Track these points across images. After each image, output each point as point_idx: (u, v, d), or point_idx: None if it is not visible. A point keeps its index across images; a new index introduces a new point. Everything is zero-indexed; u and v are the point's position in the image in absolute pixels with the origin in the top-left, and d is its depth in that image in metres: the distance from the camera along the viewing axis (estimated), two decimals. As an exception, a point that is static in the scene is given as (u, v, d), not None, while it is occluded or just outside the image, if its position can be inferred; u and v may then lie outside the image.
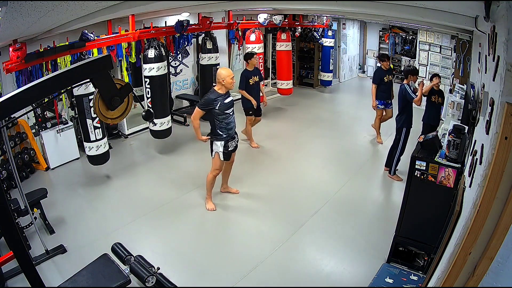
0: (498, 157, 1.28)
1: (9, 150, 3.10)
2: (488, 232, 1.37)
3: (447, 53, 7.17)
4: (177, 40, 5.56)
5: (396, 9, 3.18)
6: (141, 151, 5.56)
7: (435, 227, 2.54)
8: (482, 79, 2.41)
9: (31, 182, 4.47)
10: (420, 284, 2.75)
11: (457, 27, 4.49)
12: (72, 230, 3.60)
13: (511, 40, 1.24)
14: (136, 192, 4.37)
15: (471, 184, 1.70)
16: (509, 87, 1.25)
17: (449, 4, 2.55)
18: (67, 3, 2.12)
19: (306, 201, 4.12)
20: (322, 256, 3.28)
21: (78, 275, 2.52)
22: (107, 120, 1.89)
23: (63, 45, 4.16)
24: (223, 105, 3.57)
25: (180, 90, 7.29)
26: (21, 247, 1.61)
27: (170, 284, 2.69)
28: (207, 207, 3.93)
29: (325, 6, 5.11)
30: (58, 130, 4.86)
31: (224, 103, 3.57)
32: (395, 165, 4.56)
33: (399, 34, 10.12)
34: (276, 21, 7.00)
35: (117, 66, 5.50)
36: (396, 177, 4.57)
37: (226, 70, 3.63)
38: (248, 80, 5.10)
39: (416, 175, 2.80)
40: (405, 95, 4.27)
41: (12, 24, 2.35)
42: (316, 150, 5.57)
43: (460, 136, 2.57)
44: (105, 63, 1.72)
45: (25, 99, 1.46)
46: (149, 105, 4.84)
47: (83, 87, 3.92)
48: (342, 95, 9.28)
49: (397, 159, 4.52)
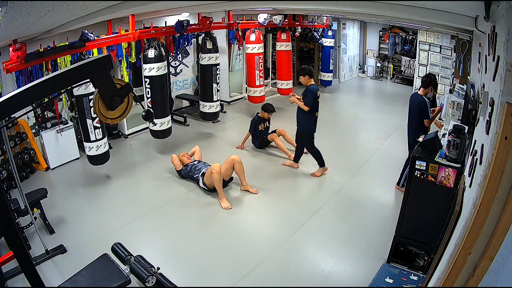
0: (498, 157, 1.28)
1: (9, 150, 3.10)
2: (488, 232, 1.37)
3: (447, 53, 7.18)
4: (177, 40, 5.56)
5: (396, 9, 3.18)
6: (141, 151, 5.56)
7: (435, 227, 2.54)
8: (482, 79, 2.41)
9: (31, 182, 4.47)
10: (420, 284, 2.75)
11: (457, 27, 4.49)
12: (72, 230, 3.60)
13: (511, 40, 1.24)
14: (136, 192, 4.37)
15: (471, 184, 1.70)
16: (509, 87, 1.25)
17: (449, 4, 2.55)
18: (67, 3, 2.12)
19: (306, 201, 4.12)
20: (322, 256, 3.28)
21: (78, 275, 2.52)
22: (107, 120, 1.89)
23: (63, 45, 4.16)
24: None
25: (180, 90, 7.30)
26: (21, 247, 1.61)
27: (170, 284, 2.69)
28: (222, 206, 3.98)
29: (325, 6, 5.11)
30: (58, 130, 4.86)
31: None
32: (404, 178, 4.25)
33: (399, 34, 10.13)
34: (276, 21, 6.99)
35: (117, 66, 5.51)
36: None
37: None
38: (258, 126, 5.42)
39: (416, 175, 2.80)
40: (423, 109, 3.82)
41: (12, 24, 2.35)
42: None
43: (460, 136, 2.57)
44: (105, 63, 1.72)
45: (25, 99, 1.46)
46: (149, 105, 4.84)
47: (83, 87, 3.92)
48: (342, 95, 9.28)
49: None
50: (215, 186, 4.03)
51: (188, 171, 4.45)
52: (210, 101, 5.87)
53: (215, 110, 5.99)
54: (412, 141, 4.00)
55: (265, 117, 5.46)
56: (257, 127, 5.41)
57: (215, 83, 5.80)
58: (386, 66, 10.73)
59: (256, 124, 5.41)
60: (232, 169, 4.25)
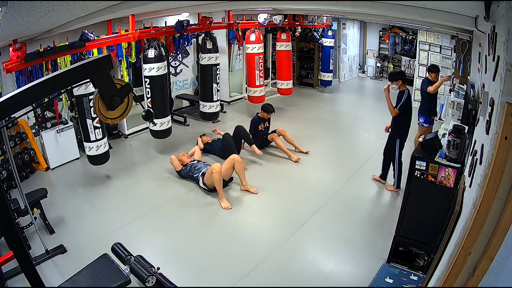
0: (498, 157, 1.28)
1: (9, 150, 3.10)
2: (488, 232, 1.37)
3: (447, 53, 7.17)
4: (177, 40, 5.55)
5: (396, 9, 3.18)
6: (141, 151, 5.56)
7: (435, 227, 2.54)
8: (482, 79, 2.40)
9: (31, 182, 4.47)
10: (420, 284, 2.75)
11: (457, 27, 4.48)
12: (72, 230, 3.60)
13: (511, 40, 1.24)
14: (136, 192, 4.37)
15: (471, 184, 1.70)
16: (509, 87, 1.25)
17: (449, 4, 2.55)
18: (67, 3, 2.12)
19: (306, 201, 4.12)
20: (322, 256, 3.28)
21: (78, 275, 2.52)
22: (107, 120, 1.89)
23: (63, 45, 4.16)
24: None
25: (180, 90, 7.30)
26: (21, 247, 1.61)
27: (170, 284, 2.69)
28: (222, 206, 3.98)
29: (325, 6, 5.11)
30: (58, 130, 4.86)
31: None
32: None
33: (399, 34, 10.13)
34: (276, 21, 6.99)
35: (117, 66, 5.50)
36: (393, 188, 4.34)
37: None
38: (258, 126, 5.40)
39: (416, 175, 2.80)
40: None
41: (12, 24, 2.35)
42: (316, 150, 5.56)
43: (460, 136, 2.57)
44: (105, 63, 1.72)
45: (25, 99, 1.46)
46: (149, 105, 4.84)
47: (83, 87, 3.91)
48: (342, 95, 9.28)
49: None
50: (215, 186, 4.03)
51: (188, 171, 4.45)
52: (210, 101, 5.87)
53: (215, 110, 5.99)
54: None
55: (265, 117, 5.46)
56: (257, 127, 5.42)
57: (215, 83, 5.80)
58: (386, 66, 10.73)
59: (256, 124, 5.41)
60: (232, 169, 4.25)
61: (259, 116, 5.48)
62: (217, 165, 4.01)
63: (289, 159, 5.13)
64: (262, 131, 5.46)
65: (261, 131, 5.45)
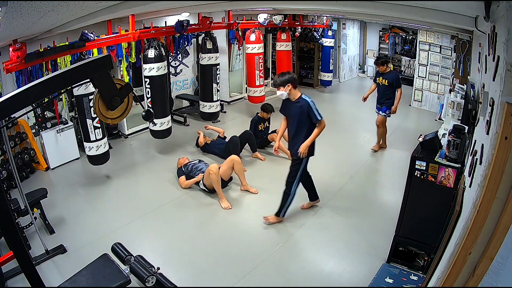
0: (498, 157, 1.28)
1: (9, 150, 3.10)
2: (488, 232, 1.37)
3: (447, 53, 7.17)
4: (177, 40, 5.55)
5: (396, 9, 3.18)
6: (141, 151, 5.56)
7: (435, 227, 2.54)
8: (482, 79, 2.40)
9: (31, 182, 4.47)
10: (420, 284, 2.75)
11: (457, 27, 4.49)
12: (72, 230, 3.60)
13: (511, 40, 1.24)
14: (136, 192, 4.37)
15: (471, 184, 1.70)
16: (509, 87, 1.25)
17: (449, 4, 2.56)
18: (67, 3, 2.12)
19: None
20: (322, 256, 3.28)
21: (78, 275, 2.52)
22: (107, 120, 1.89)
23: (63, 45, 4.16)
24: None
25: (180, 90, 7.30)
26: (21, 247, 1.61)
27: (170, 284, 2.69)
28: (222, 206, 3.98)
29: (325, 6, 5.11)
30: (58, 130, 4.86)
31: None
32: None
33: (399, 34, 10.12)
34: (276, 21, 6.99)
35: (117, 66, 5.50)
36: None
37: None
38: (258, 125, 5.42)
39: (416, 175, 2.80)
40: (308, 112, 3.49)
41: (12, 24, 2.35)
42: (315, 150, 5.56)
43: (460, 136, 2.57)
44: (105, 63, 1.72)
45: (25, 99, 1.46)
46: (149, 105, 4.84)
47: (83, 87, 3.92)
48: (342, 95, 9.28)
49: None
50: (214, 187, 4.03)
51: (189, 171, 4.45)
52: (210, 101, 5.88)
53: (215, 110, 5.99)
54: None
55: (265, 117, 5.46)
56: (257, 127, 5.42)
57: (215, 83, 5.80)
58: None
59: (256, 124, 5.41)
60: (231, 169, 4.24)
61: (259, 116, 5.48)
62: (214, 166, 4.00)
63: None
64: (262, 131, 5.46)
65: (261, 131, 5.45)
